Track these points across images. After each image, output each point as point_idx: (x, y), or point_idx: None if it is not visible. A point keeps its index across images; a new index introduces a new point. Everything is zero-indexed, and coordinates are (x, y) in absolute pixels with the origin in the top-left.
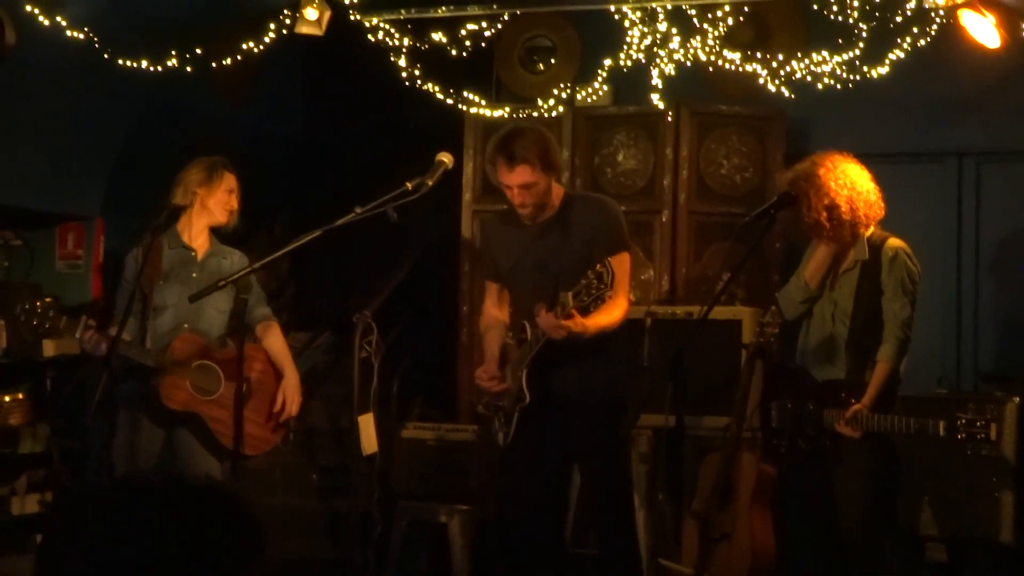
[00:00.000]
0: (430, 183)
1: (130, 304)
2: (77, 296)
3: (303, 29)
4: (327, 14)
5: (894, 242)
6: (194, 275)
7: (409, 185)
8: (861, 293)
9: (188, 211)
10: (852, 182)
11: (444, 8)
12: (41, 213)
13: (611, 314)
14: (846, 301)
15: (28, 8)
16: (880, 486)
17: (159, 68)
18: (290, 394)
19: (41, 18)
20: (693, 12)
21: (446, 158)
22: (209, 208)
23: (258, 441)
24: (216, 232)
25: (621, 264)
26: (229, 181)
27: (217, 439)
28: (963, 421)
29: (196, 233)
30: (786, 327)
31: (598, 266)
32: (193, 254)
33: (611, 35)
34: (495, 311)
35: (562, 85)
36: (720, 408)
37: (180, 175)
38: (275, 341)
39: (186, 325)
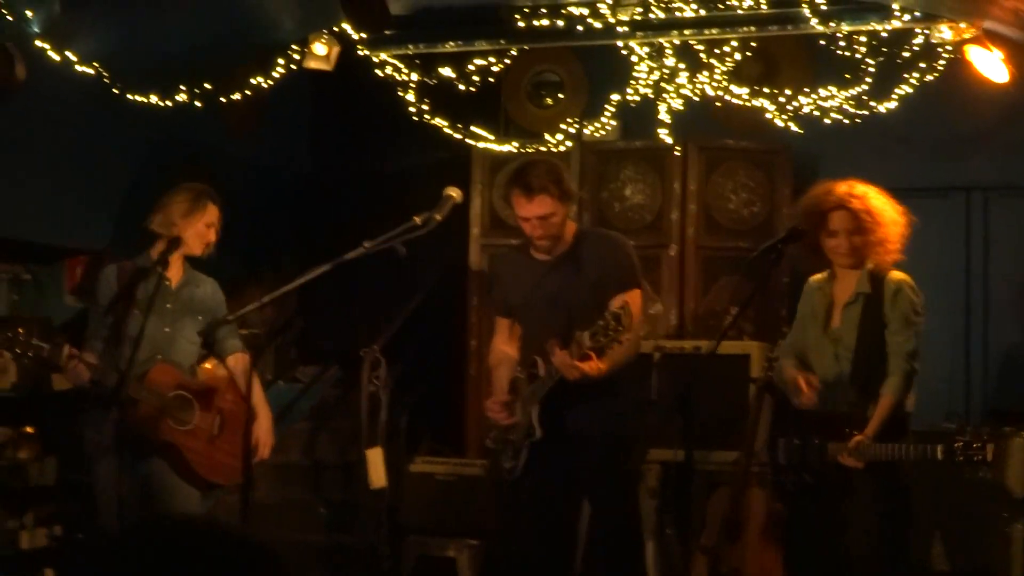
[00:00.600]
0: (439, 217)
1: (135, 335)
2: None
3: (312, 64)
4: (336, 49)
5: (896, 275)
6: (168, 305)
7: (418, 219)
8: (864, 327)
9: (164, 239)
10: (878, 209)
11: (452, 43)
12: (50, 247)
13: (625, 353)
14: (849, 336)
15: (38, 43)
16: (892, 520)
17: (168, 103)
18: (263, 437)
19: (51, 53)
20: (701, 48)
21: (454, 192)
22: (186, 240)
23: (233, 472)
24: (193, 261)
25: (633, 302)
26: (211, 214)
27: (194, 468)
28: (960, 444)
29: (171, 262)
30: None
31: (616, 307)
32: (168, 283)
33: (619, 70)
34: (505, 347)
35: (570, 120)
36: (729, 443)
37: (163, 200)
38: (247, 373)
39: (159, 356)
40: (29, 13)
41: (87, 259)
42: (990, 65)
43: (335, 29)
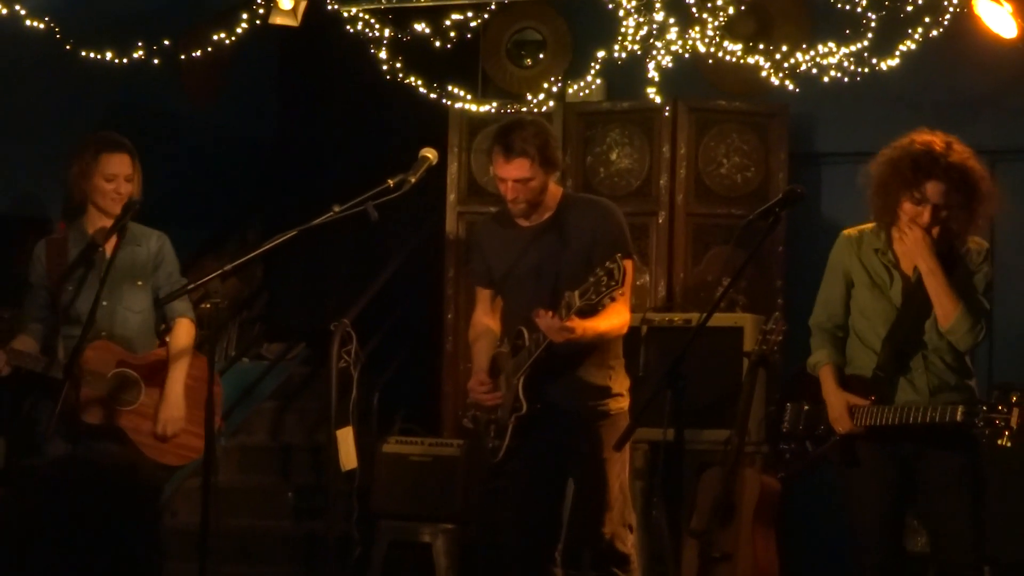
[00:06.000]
0: (413, 180)
1: (67, 311)
2: None
3: (278, 20)
4: (303, 4)
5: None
6: (103, 275)
7: (391, 182)
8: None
9: (88, 204)
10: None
11: None
12: None
13: (610, 320)
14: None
15: None
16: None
17: (125, 61)
18: (164, 415)
19: None
20: (692, 1)
21: (430, 154)
22: (95, 202)
23: (186, 450)
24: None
25: (624, 272)
26: (108, 165)
27: (143, 452)
28: (984, 407)
29: (100, 225)
30: (790, 334)
31: (608, 262)
32: (100, 250)
33: (604, 26)
34: (487, 319)
35: (552, 79)
36: (720, 421)
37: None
38: (179, 340)
39: (103, 332)
40: None
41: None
42: (999, 19)
43: None
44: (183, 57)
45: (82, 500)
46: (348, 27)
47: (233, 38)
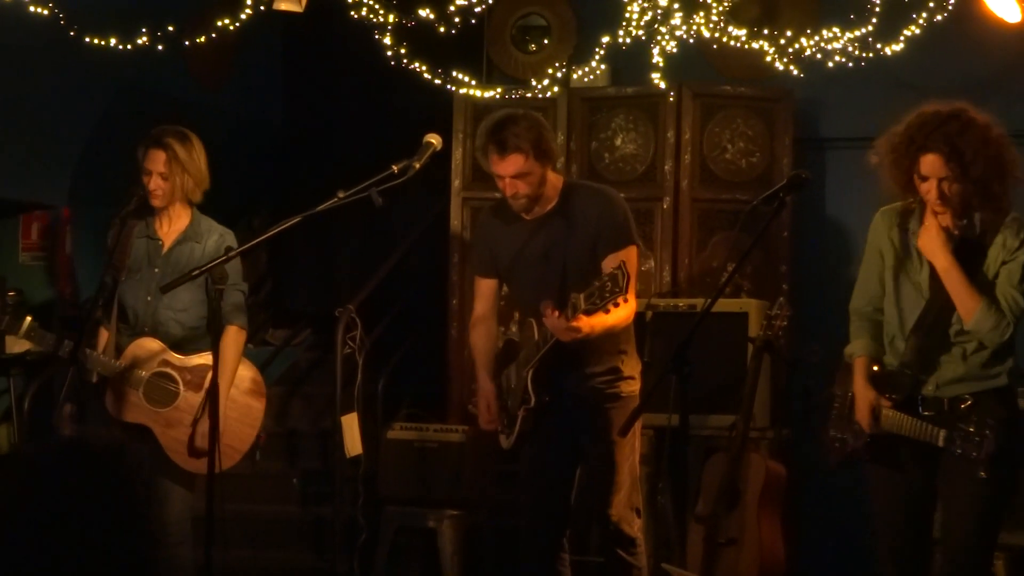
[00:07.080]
0: (417, 165)
1: (108, 299)
2: (42, 290)
3: (282, 5)
4: None
5: None
6: (156, 269)
7: (395, 168)
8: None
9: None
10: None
11: None
12: (3, 201)
13: (618, 313)
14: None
15: None
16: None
17: (129, 46)
18: (204, 428)
19: None
20: None
21: (435, 139)
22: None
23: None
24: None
25: (628, 259)
26: (144, 160)
27: (169, 456)
28: (964, 433)
29: (164, 220)
30: (795, 319)
31: (613, 268)
32: (159, 244)
33: (609, 11)
34: (491, 319)
35: (557, 64)
36: (726, 406)
37: None
38: (224, 349)
39: (146, 328)
40: None
41: (44, 215)
42: (1003, 4)
43: None
44: (188, 43)
45: (69, 484)
46: (352, 12)
47: (237, 24)
